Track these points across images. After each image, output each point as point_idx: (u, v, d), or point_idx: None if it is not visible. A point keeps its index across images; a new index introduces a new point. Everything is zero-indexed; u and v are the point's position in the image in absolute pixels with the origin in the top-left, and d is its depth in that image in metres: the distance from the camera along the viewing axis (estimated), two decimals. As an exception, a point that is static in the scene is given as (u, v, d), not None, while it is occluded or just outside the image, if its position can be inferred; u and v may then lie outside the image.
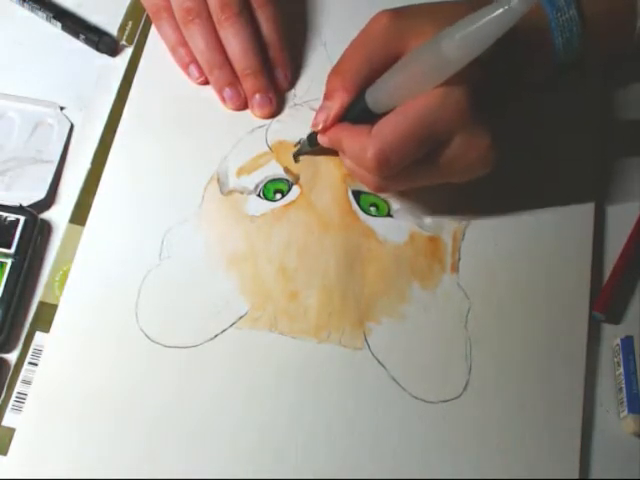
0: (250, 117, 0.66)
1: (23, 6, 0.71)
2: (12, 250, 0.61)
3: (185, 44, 0.66)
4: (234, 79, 0.66)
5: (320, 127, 0.59)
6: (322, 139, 0.60)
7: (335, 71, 0.58)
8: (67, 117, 0.66)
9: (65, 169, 0.65)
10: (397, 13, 0.57)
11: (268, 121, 0.66)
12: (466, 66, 0.51)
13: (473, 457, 0.57)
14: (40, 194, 0.63)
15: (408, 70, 0.54)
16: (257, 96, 0.66)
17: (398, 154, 0.54)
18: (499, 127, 0.56)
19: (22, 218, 0.61)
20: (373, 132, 0.55)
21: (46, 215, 0.63)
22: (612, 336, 0.61)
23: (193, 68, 0.67)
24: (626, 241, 0.63)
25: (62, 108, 0.67)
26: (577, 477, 0.56)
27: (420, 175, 0.57)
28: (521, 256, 0.62)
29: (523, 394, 0.58)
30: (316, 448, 0.56)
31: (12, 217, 0.61)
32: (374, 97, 0.56)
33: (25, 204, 0.62)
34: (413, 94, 0.54)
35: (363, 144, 0.55)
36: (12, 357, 0.59)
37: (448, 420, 0.57)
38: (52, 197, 0.64)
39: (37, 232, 0.62)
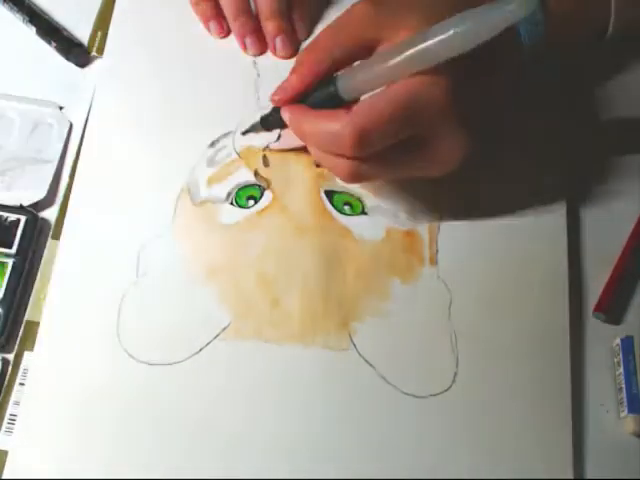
0: (215, 125, 0.65)
1: (3, 6, 0.70)
2: (13, 250, 0.60)
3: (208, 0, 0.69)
4: (256, 26, 0.68)
5: (277, 97, 0.58)
6: (284, 115, 0.58)
7: (308, 48, 0.58)
8: (66, 117, 0.66)
9: (65, 169, 0.65)
10: (378, 2, 0.56)
11: (234, 128, 0.65)
12: (450, 63, 0.51)
13: (467, 449, 0.57)
14: (40, 194, 0.63)
15: (390, 60, 0.53)
16: (279, 38, 0.67)
17: (377, 134, 0.53)
18: (473, 124, 0.56)
19: (23, 218, 0.61)
20: (352, 111, 0.53)
21: (47, 215, 0.63)
22: (612, 336, 0.61)
23: (214, 23, 0.69)
24: (626, 241, 0.63)
25: (61, 108, 0.67)
26: (572, 460, 0.57)
27: (395, 164, 0.56)
28: (498, 244, 0.63)
29: (511, 382, 0.59)
30: (311, 452, 0.56)
31: (13, 217, 0.61)
32: (347, 82, 0.55)
33: (26, 204, 0.62)
34: (396, 78, 0.53)
35: (337, 124, 0.53)
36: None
37: (439, 414, 0.57)
38: (52, 197, 0.64)
39: (38, 232, 0.62)
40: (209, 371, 0.58)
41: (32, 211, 0.62)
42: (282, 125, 0.59)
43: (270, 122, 0.61)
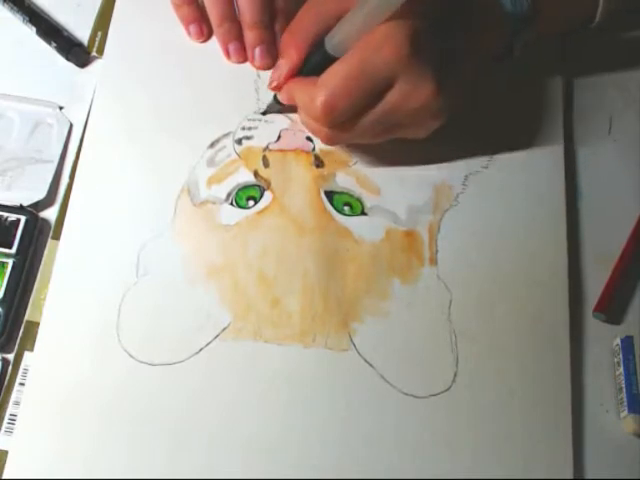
0: (215, 125, 0.65)
1: (4, 6, 0.70)
2: (13, 250, 0.60)
3: (190, 3, 0.68)
4: (240, 34, 0.67)
5: (274, 84, 0.62)
6: (282, 96, 0.62)
7: (288, 31, 0.61)
8: (66, 117, 0.66)
9: (65, 169, 0.64)
10: None
11: (234, 128, 0.65)
12: (409, 13, 0.54)
13: (467, 449, 0.57)
14: (40, 194, 0.63)
15: (365, 7, 0.55)
16: (258, 48, 0.67)
17: (343, 99, 0.56)
18: (454, 80, 0.58)
19: (23, 218, 0.61)
20: (319, 81, 0.57)
21: (47, 215, 0.63)
22: (612, 336, 0.61)
23: (194, 27, 0.68)
24: (626, 241, 0.63)
25: (61, 108, 0.67)
26: (572, 460, 0.57)
27: (367, 124, 0.58)
28: (498, 245, 0.63)
29: (511, 382, 0.59)
30: (311, 452, 0.56)
31: (13, 217, 0.61)
32: (334, 41, 0.58)
33: (26, 204, 0.62)
34: (371, 26, 0.55)
35: (312, 93, 0.57)
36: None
37: (439, 414, 0.58)
38: (53, 197, 0.63)
39: (38, 232, 0.62)
40: (209, 371, 0.58)
41: (32, 211, 0.62)
42: None
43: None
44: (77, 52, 0.68)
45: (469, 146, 0.65)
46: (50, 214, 0.63)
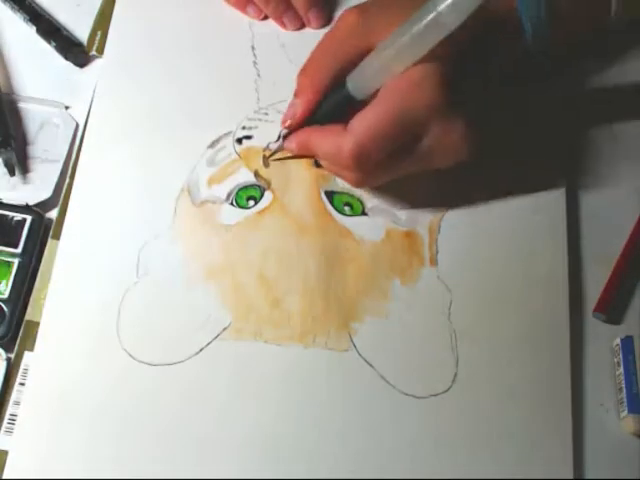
0: (215, 126, 0.65)
1: (5, 5, 0.71)
2: (19, 250, 0.61)
3: None
4: (287, 5, 0.68)
5: (288, 123, 0.60)
6: (289, 145, 0.60)
7: (303, 71, 0.59)
8: (72, 117, 0.67)
9: (71, 168, 0.64)
10: (363, 9, 0.58)
11: (234, 128, 0.65)
12: (437, 56, 0.53)
13: (466, 449, 0.57)
14: (46, 193, 0.64)
15: (389, 50, 0.54)
16: (311, 11, 0.68)
17: (375, 148, 0.55)
18: (475, 114, 0.57)
19: (29, 218, 0.62)
20: (348, 128, 0.55)
21: (53, 214, 0.63)
22: (612, 336, 0.60)
23: (250, 8, 0.69)
24: (626, 241, 0.63)
25: (67, 107, 0.67)
26: (572, 460, 0.57)
27: (398, 166, 0.58)
28: (499, 245, 0.63)
29: (511, 382, 0.59)
30: (310, 452, 0.56)
31: (19, 217, 0.62)
32: (356, 82, 0.56)
33: (31, 203, 0.63)
34: (398, 70, 0.54)
35: (338, 143, 0.56)
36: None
37: (439, 414, 0.58)
38: (58, 197, 0.64)
39: (44, 232, 0.62)
40: (209, 371, 0.58)
41: (38, 211, 0.62)
42: None
43: None
44: (75, 52, 0.69)
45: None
46: (56, 214, 0.63)
